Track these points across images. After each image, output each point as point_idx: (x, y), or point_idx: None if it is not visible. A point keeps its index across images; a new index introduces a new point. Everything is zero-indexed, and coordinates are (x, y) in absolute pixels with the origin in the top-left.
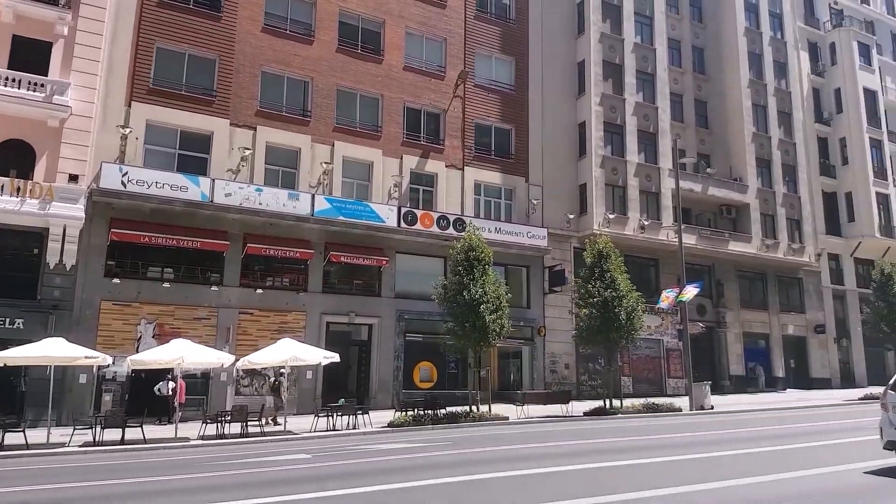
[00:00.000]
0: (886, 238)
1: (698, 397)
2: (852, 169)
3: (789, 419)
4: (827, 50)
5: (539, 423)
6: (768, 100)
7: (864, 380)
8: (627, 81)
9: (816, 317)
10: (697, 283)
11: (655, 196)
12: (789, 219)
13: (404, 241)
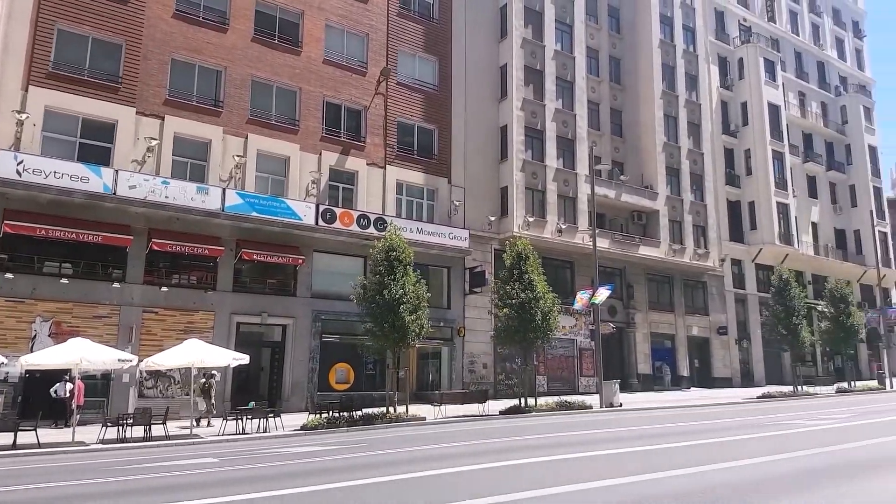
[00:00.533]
0: (785, 245)
1: (608, 395)
2: (755, 179)
3: (693, 417)
4: (735, 65)
5: (456, 422)
6: (679, 111)
7: (762, 379)
8: (548, 88)
9: (719, 319)
10: (609, 285)
11: (573, 201)
12: (696, 225)
13: (322, 240)
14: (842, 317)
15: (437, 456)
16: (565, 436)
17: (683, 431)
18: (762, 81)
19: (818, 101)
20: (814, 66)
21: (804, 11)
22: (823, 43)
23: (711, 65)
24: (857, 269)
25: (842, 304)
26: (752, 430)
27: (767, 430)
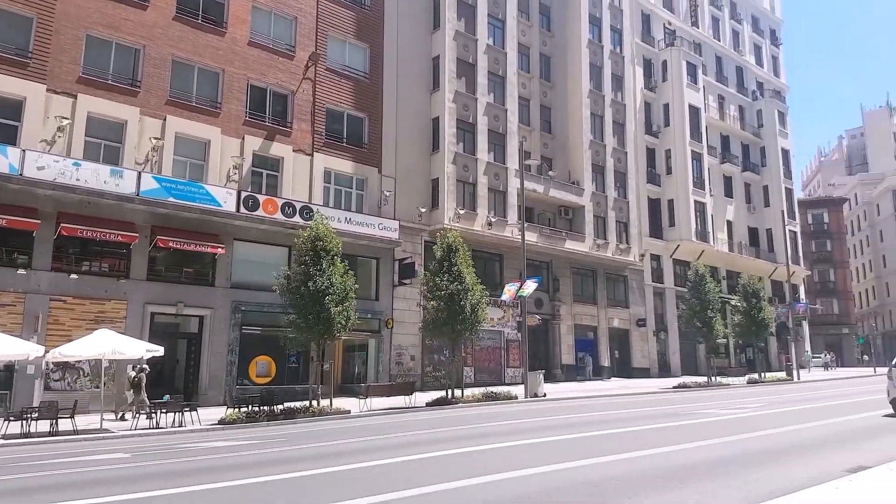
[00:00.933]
0: (701, 242)
1: (532, 385)
2: (675, 178)
3: (611, 406)
4: (659, 67)
5: (381, 415)
6: (606, 110)
7: (678, 370)
8: (480, 81)
9: (639, 311)
10: (537, 278)
11: (503, 194)
12: (618, 221)
13: (244, 228)
14: (753, 311)
15: (355, 450)
16: (485, 427)
17: (601, 420)
18: (684, 84)
19: (736, 104)
20: (733, 70)
21: (726, 17)
22: (743, 49)
23: (637, 66)
24: (769, 265)
25: (754, 299)
26: (666, 420)
27: (682, 419)
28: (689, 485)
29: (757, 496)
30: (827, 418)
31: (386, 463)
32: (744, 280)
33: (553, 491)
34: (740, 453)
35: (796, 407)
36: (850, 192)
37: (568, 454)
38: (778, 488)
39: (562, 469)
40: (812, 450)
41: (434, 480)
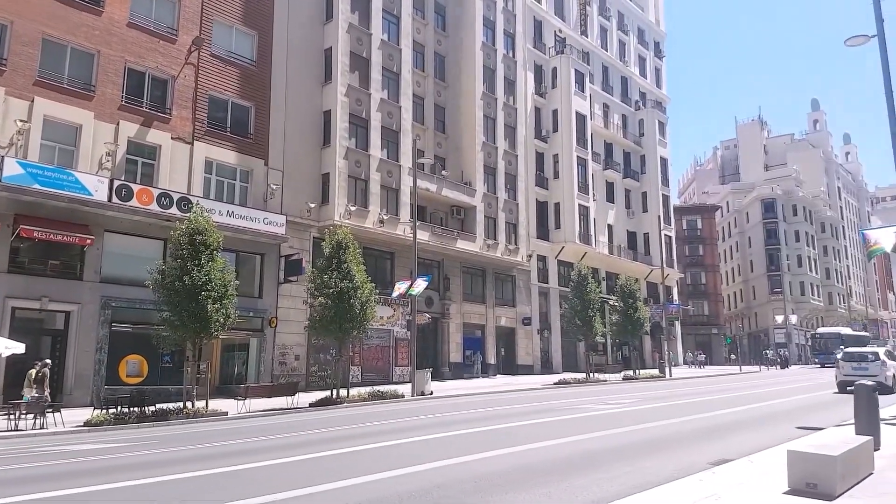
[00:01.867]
0: (584, 245)
1: (420, 383)
2: (562, 183)
3: (494, 402)
4: (549, 73)
5: (260, 417)
6: (498, 113)
7: (560, 366)
8: (374, 77)
9: (525, 310)
10: (427, 276)
11: (396, 192)
12: (508, 222)
13: (116, 219)
14: (630, 311)
15: (228, 453)
16: (369, 426)
17: (483, 417)
18: (572, 91)
19: (620, 113)
20: (618, 80)
21: (613, 28)
22: (628, 59)
23: (528, 71)
24: (645, 268)
25: (630, 300)
26: (547, 415)
27: (560, 414)
28: (565, 479)
29: (629, 488)
30: (697, 413)
31: (255, 466)
32: (622, 281)
33: (428, 490)
34: (614, 447)
35: (666, 403)
36: (723, 199)
37: (447, 451)
38: (647, 481)
39: (438, 467)
40: (682, 443)
41: (310, 482)
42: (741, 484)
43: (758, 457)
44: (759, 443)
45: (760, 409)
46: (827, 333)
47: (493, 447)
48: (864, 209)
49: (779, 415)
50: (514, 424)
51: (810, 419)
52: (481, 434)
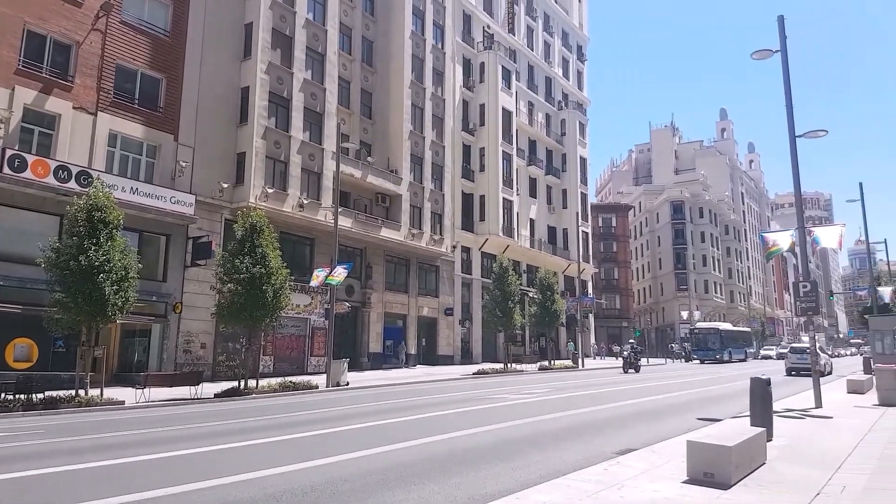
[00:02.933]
0: (507, 237)
1: (335, 374)
2: (487, 176)
3: (413, 393)
4: (477, 68)
5: (160, 407)
6: (426, 103)
7: (479, 357)
8: (297, 56)
9: (447, 301)
10: (348, 264)
11: (317, 176)
12: (433, 213)
13: (7, 191)
14: (548, 303)
15: (116, 444)
16: (273, 419)
17: (399, 408)
18: (499, 87)
19: (544, 112)
20: (543, 80)
21: (539, 29)
22: (552, 61)
23: (457, 64)
24: (563, 262)
25: (548, 292)
26: (464, 405)
27: (478, 403)
28: (477, 468)
29: (538, 477)
30: (608, 403)
31: (130, 461)
32: (541, 274)
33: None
34: (526, 436)
35: (578, 392)
36: (636, 200)
37: (356, 443)
38: (556, 469)
39: (345, 459)
40: (591, 432)
41: (188, 478)
42: (644, 473)
43: (660, 446)
44: (663, 432)
45: (665, 399)
46: (705, 329)
47: (406, 438)
48: (764, 214)
49: (682, 406)
50: (430, 415)
51: (710, 410)
52: (395, 425)
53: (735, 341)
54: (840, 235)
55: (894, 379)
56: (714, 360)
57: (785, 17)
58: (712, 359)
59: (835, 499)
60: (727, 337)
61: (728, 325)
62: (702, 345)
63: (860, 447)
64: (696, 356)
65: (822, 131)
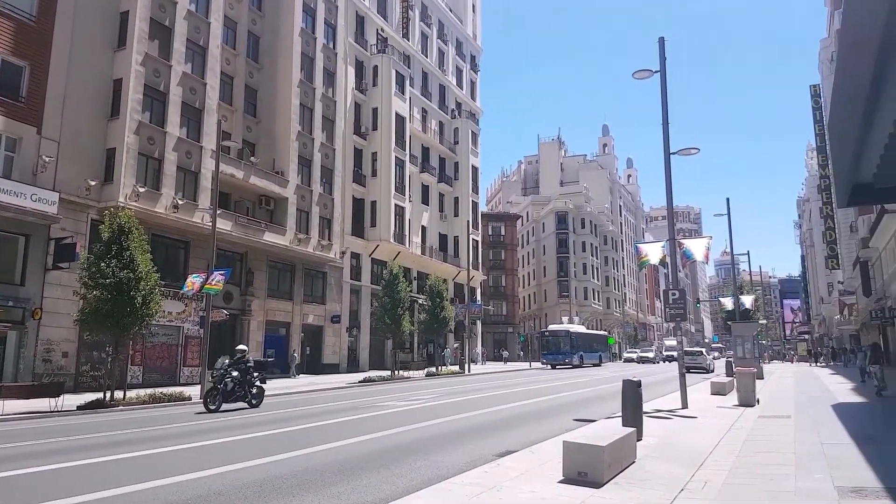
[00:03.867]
0: (398, 244)
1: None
2: (379, 181)
3: (295, 403)
4: (371, 71)
5: (14, 421)
6: (316, 104)
7: (366, 364)
8: (176, 48)
9: (335, 308)
10: (226, 270)
11: (195, 175)
12: (322, 217)
13: None
14: (437, 309)
15: None
16: (135, 432)
17: (278, 419)
18: (393, 92)
19: (437, 119)
20: (437, 87)
21: (433, 36)
22: (446, 69)
23: (349, 66)
24: (453, 269)
25: (438, 299)
26: (349, 413)
27: (363, 411)
28: (358, 477)
29: (419, 483)
30: (492, 406)
31: None
32: (431, 281)
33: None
34: (410, 442)
35: (464, 398)
36: (524, 210)
37: (231, 456)
38: (438, 475)
39: (220, 473)
40: (474, 436)
41: (37, 499)
42: (522, 474)
43: (538, 448)
44: (542, 434)
45: (546, 402)
46: (555, 331)
47: (286, 449)
48: (639, 226)
49: (561, 407)
50: (313, 425)
51: (587, 411)
52: (274, 436)
53: (589, 345)
54: (706, 248)
55: (752, 381)
56: (564, 365)
57: (665, 40)
58: (562, 363)
59: (697, 494)
60: (579, 340)
61: (580, 328)
62: (552, 348)
63: (721, 445)
64: (546, 360)
65: (694, 149)
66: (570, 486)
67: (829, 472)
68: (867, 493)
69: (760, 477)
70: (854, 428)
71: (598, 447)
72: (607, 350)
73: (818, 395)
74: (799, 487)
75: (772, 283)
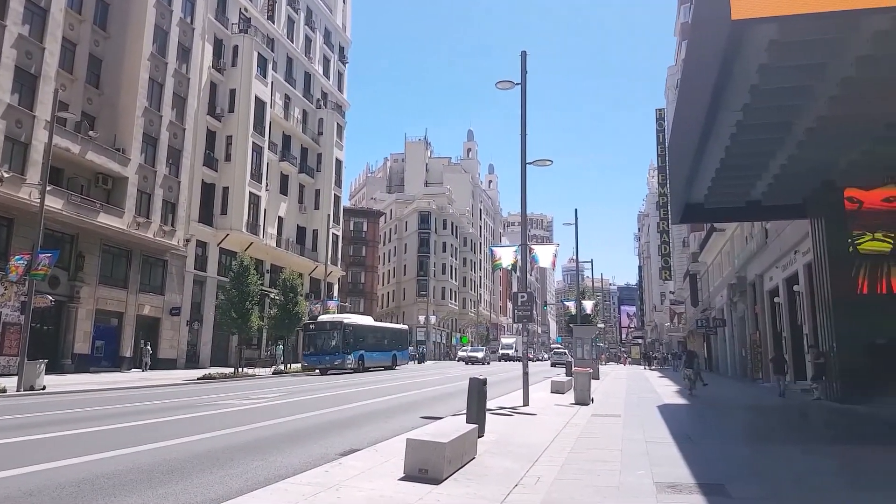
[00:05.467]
0: (252, 234)
1: (29, 377)
2: (233, 166)
3: (127, 399)
4: (230, 51)
5: None
6: (167, 79)
7: (207, 360)
8: (13, 7)
9: (174, 299)
10: (53, 252)
11: (24, 147)
12: (166, 201)
13: None
14: (290, 305)
15: None
16: None
17: (105, 415)
18: (253, 74)
19: (301, 108)
20: (302, 75)
21: (301, 22)
22: (313, 57)
23: (207, 43)
24: (311, 263)
25: (291, 294)
26: (184, 411)
27: (200, 410)
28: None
29: (255, 483)
30: (340, 405)
31: None
32: (285, 275)
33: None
34: (248, 442)
35: (314, 396)
36: (388, 207)
37: (48, 453)
38: (276, 474)
39: (32, 472)
40: (318, 435)
41: None
42: (363, 472)
43: (383, 446)
44: (389, 432)
45: (396, 399)
46: (326, 323)
47: (110, 447)
48: (497, 230)
49: (410, 405)
50: (144, 422)
51: (435, 409)
52: (100, 434)
53: (377, 341)
54: (553, 255)
55: (588, 381)
56: (334, 368)
57: (528, 53)
58: (331, 365)
59: (529, 489)
60: (360, 334)
61: (364, 319)
62: (318, 346)
63: (556, 442)
64: (309, 362)
65: (548, 160)
66: (411, 484)
67: (651, 469)
68: (681, 488)
69: (589, 473)
70: (675, 427)
71: (439, 444)
72: (406, 348)
73: (647, 396)
74: (622, 483)
75: (611, 289)
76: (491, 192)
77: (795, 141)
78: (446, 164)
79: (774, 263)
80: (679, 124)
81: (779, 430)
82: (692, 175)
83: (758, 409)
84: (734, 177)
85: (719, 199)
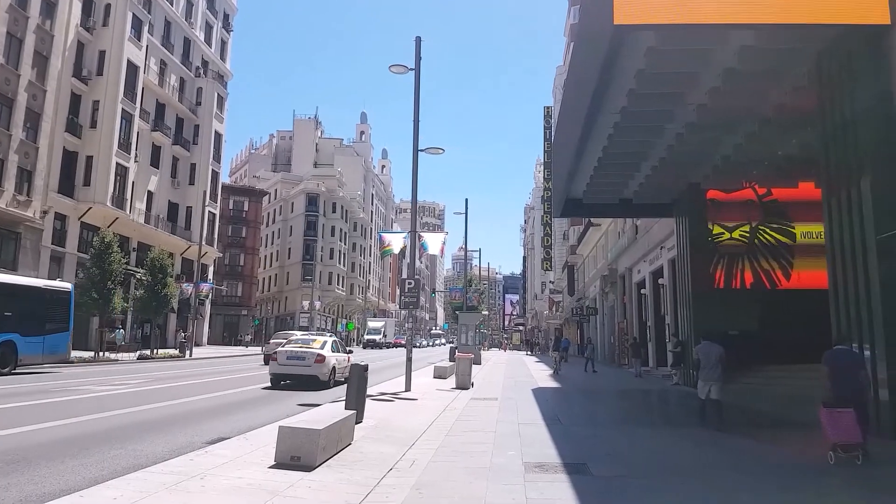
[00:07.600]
0: (117, 209)
1: None
2: (99, 134)
3: None
4: (102, 9)
5: None
6: (28, 35)
7: None
8: None
9: (29, 276)
10: None
11: None
12: (21, 168)
13: None
14: (158, 286)
15: None
16: None
17: None
18: (126, 36)
19: (178, 75)
20: (181, 40)
21: None
22: (194, 22)
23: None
24: (183, 243)
25: (160, 274)
26: (32, 398)
27: (52, 396)
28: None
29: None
30: (209, 392)
31: None
32: (154, 254)
33: None
34: (106, 429)
35: (181, 383)
36: (272, 186)
37: None
38: (136, 463)
39: None
40: (184, 423)
41: None
42: (232, 461)
43: (253, 434)
44: (262, 420)
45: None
46: None
47: None
48: (389, 216)
49: (287, 393)
50: None
51: (314, 397)
52: None
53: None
54: (442, 243)
55: (469, 367)
56: None
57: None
58: None
59: (404, 473)
60: None
61: None
62: None
63: (434, 425)
64: None
65: (440, 149)
66: (281, 471)
67: (521, 450)
68: (548, 467)
69: (463, 454)
70: (547, 410)
71: (313, 430)
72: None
73: (523, 380)
74: (493, 463)
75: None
76: (384, 178)
77: (666, 144)
78: (338, 145)
79: (643, 258)
80: (563, 122)
81: (639, 413)
82: (573, 171)
83: (622, 392)
84: (610, 175)
85: (596, 196)
